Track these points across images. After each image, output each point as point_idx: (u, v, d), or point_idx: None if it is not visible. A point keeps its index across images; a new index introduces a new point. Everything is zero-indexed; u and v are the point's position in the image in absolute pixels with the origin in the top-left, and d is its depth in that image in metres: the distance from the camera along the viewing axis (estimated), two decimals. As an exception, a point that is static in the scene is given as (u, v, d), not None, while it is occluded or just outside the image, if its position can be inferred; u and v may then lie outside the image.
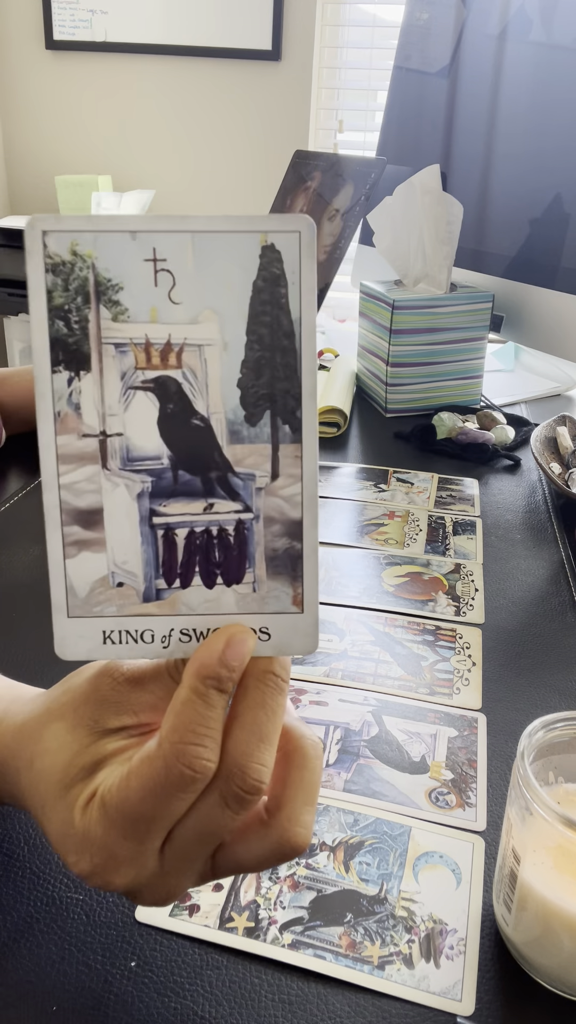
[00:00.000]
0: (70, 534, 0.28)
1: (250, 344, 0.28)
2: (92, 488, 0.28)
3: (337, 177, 1.29)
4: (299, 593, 0.30)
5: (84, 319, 0.27)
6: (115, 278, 0.27)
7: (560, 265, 1.07)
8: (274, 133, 2.56)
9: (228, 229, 0.27)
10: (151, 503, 0.29)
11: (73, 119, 2.72)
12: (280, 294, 0.27)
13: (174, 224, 0.27)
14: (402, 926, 0.38)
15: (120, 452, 0.28)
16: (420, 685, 0.55)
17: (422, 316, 1.02)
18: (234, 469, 0.29)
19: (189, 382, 0.28)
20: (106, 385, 0.28)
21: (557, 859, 0.35)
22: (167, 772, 0.28)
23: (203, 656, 0.28)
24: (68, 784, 0.30)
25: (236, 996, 0.35)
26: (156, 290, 0.27)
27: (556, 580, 0.69)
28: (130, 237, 0.27)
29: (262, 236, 0.27)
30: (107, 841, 0.29)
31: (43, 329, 0.27)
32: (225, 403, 0.28)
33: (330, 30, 2.48)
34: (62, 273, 0.27)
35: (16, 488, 0.82)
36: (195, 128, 2.63)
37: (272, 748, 0.29)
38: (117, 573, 0.29)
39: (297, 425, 0.28)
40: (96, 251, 0.27)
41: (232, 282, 0.27)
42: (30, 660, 0.56)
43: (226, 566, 0.29)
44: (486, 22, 1.17)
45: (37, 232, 0.27)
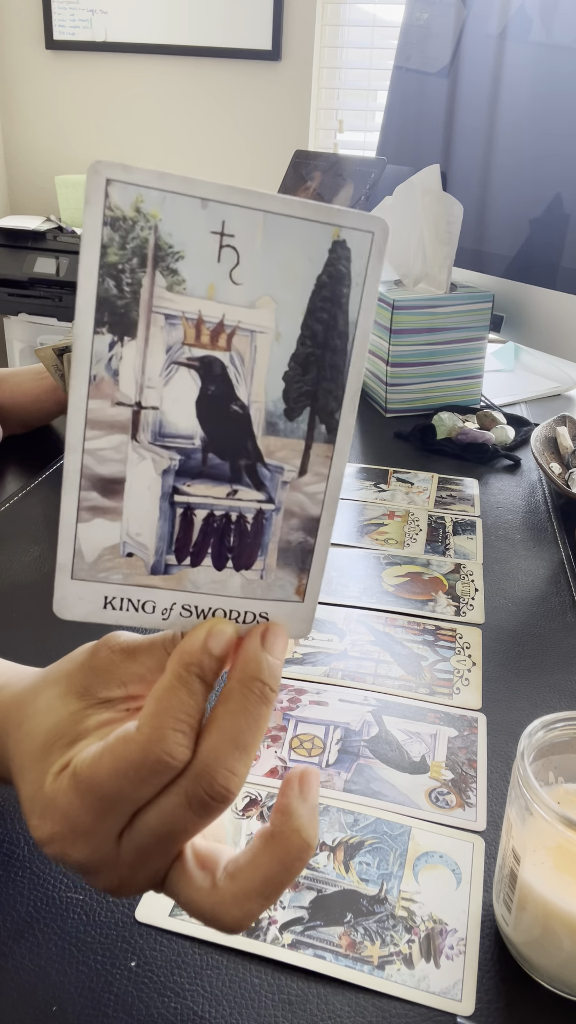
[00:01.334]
0: (87, 499, 0.28)
1: (303, 339, 0.27)
2: (117, 457, 0.27)
3: (337, 177, 1.29)
4: (303, 584, 0.30)
5: (137, 283, 0.25)
6: (177, 245, 0.25)
7: (560, 265, 1.07)
8: (274, 133, 2.56)
9: (303, 216, 0.26)
10: (176, 481, 0.28)
11: (73, 119, 2.72)
12: (342, 293, 0.26)
13: (249, 200, 0.25)
14: (402, 926, 0.38)
15: (153, 426, 0.27)
16: (420, 685, 0.55)
17: (422, 316, 1.02)
18: (264, 460, 0.28)
19: (235, 366, 0.27)
20: (149, 355, 0.26)
21: (557, 859, 0.35)
22: (142, 754, 0.27)
23: (186, 644, 0.28)
24: (48, 749, 0.30)
25: (236, 996, 0.35)
26: (218, 266, 0.26)
27: (556, 580, 0.69)
28: (200, 204, 0.25)
29: (335, 230, 0.26)
30: (69, 811, 0.29)
31: (91, 285, 0.25)
32: (267, 394, 0.27)
33: (330, 30, 2.48)
34: (121, 229, 0.25)
35: (16, 488, 0.82)
36: (195, 128, 2.63)
37: (247, 758, 0.28)
38: (128, 543, 0.28)
39: (334, 426, 0.28)
40: (162, 212, 0.25)
41: (297, 272, 0.26)
42: (30, 660, 0.56)
43: (239, 551, 0.29)
44: (486, 22, 1.17)
45: (101, 179, 0.24)
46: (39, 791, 0.30)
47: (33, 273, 2.30)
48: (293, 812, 0.29)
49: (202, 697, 0.28)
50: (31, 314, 2.35)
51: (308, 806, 0.29)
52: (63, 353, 0.83)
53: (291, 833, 0.29)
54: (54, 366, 0.85)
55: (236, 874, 0.29)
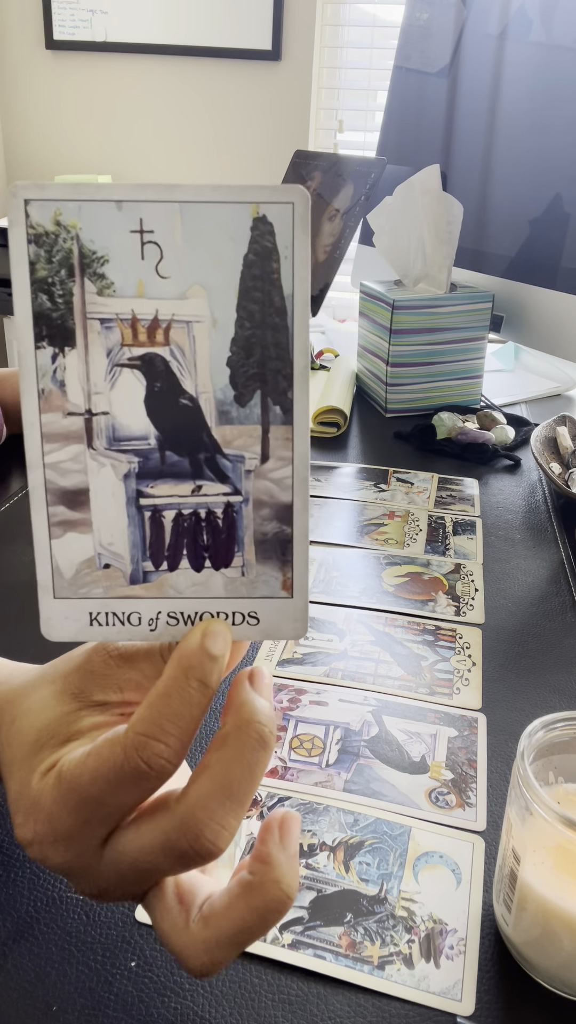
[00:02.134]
0: (55, 514, 0.28)
1: (240, 321, 0.26)
2: (77, 468, 0.27)
3: (337, 177, 1.29)
4: (289, 578, 0.29)
5: (68, 293, 0.26)
6: (100, 250, 0.26)
7: (560, 265, 1.07)
8: (274, 133, 2.56)
9: (218, 199, 0.26)
10: (138, 484, 0.28)
11: (73, 119, 2.72)
12: (272, 269, 0.26)
13: (161, 193, 0.26)
14: (402, 926, 0.38)
15: (106, 431, 0.27)
16: (420, 685, 0.55)
17: (422, 316, 1.02)
18: (223, 450, 0.28)
19: (177, 360, 0.27)
20: (91, 362, 0.27)
21: (557, 859, 0.35)
22: (124, 761, 0.27)
23: (183, 647, 0.28)
24: (38, 747, 0.30)
25: (236, 996, 0.35)
26: (143, 263, 0.26)
27: (556, 580, 0.69)
28: (116, 207, 0.25)
29: (254, 207, 0.26)
30: (52, 812, 0.28)
31: (26, 303, 0.26)
32: (214, 382, 0.27)
33: (330, 30, 2.48)
34: (45, 244, 0.26)
35: (16, 488, 0.82)
36: (195, 128, 2.63)
37: (240, 811, 0.27)
38: (103, 555, 0.28)
39: (288, 406, 0.27)
40: (81, 221, 0.25)
41: (222, 256, 0.26)
42: (30, 660, 0.56)
43: (215, 549, 0.29)
44: (486, 22, 1.17)
45: (19, 200, 0.25)
46: (25, 789, 0.30)
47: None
48: (273, 861, 0.28)
49: (198, 707, 0.27)
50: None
51: (288, 855, 0.28)
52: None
53: (270, 884, 0.27)
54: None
55: (210, 919, 0.28)
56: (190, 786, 0.27)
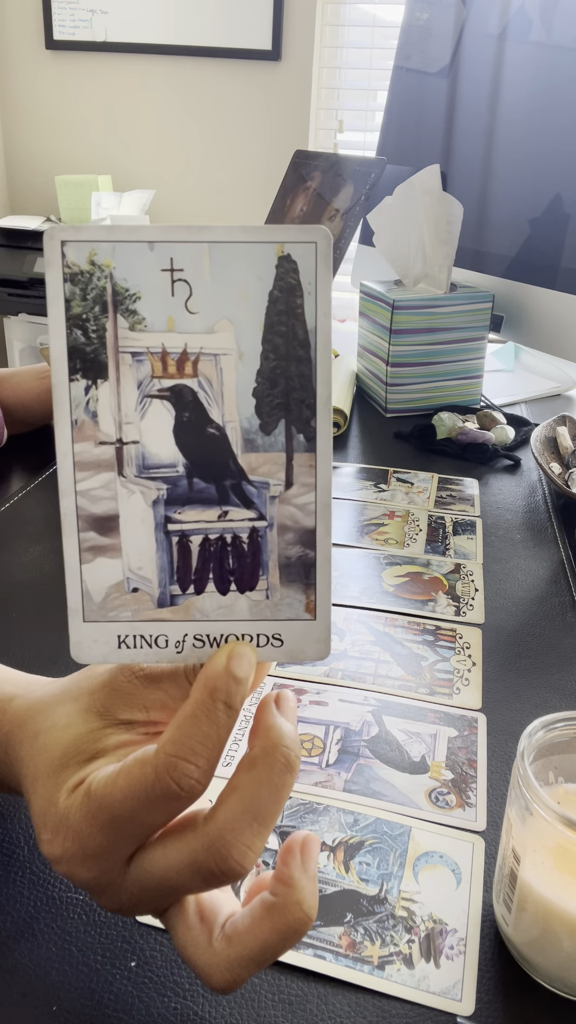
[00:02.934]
0: (86, 540, 0.29)
1: (265, 354, 0.28)
2: (108, 495, 0.28)
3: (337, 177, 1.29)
4: (312, 600, 0.30)
5: (102, 328, 0.27)
6: (133, 288, 0.27)
7: (560, 265, 1.07)
8: (274, 133, 2.56)
9: (245, 239, 0.27)
10: (166, 510, 0.29)
11: (73, 119, 2.72)
12: (296, 304, 0.27)
13: (191, 234, 0.27)
14: (402, 926, 0.38)
15: (136, 459, 0.28)
16: (420, 685, 0.55)
17: (422, 316, 1.02)
18: (248, 477, 0.29)
19: (205, 391, 0.28)
20: (123, 393, 0.28)
21: (557, 859, 0.35)
22: (155, 781, 0.27)
23: (209, 670, 0.28)
24: (64, 763, 0.30)
25: (236, 996, 0.35)
26: (173, 300, 0.27)
27: (556, 580, 0.69)
28: (148, 247, 0.27)
29: (278, 247, 0.27)
30: (81, 829, 0.29)
31: (61, 338, 0.27)
32: (240, 412, 0.28)
33: (330, 30, 2.48)
34: (80, 283, 0.27)
35: (16, 488, 0.82)
36: (195, 128, 2.63)
37: (265, 832, 0.28)
38: (132, 579, 0.29)
39: (312, 435, 0.28)
40: (114, 261, 0.27)
41: (248, 292, 0.27)
42: (30, 660, 0.56)
43: (240, 573, 0.29)
44: (486, 22, 1.17)
45: (56, 242, 0.27)
46: (52, 806, 0.30)
47: (33, 273, 2.30)
48: (295, 884, 0.28)
49: (225, 728, 0.28)
50: (31, 314, 2.35)
51: (309, 876, 0.29)
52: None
53: (292, 905, 0.28)
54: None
55: (233, 939, 0.29)
56: (219, 807, 0.28)
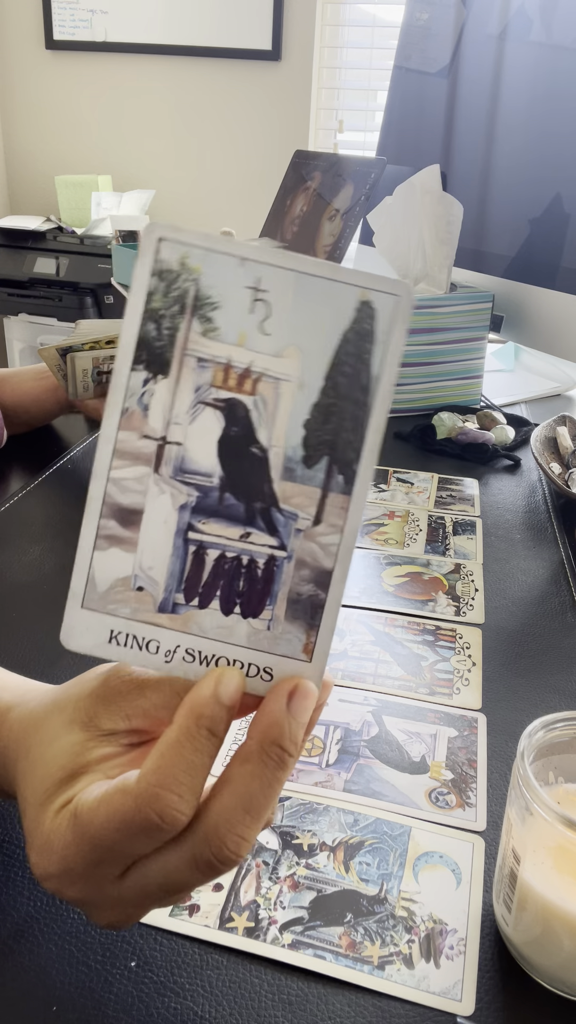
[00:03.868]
0: (105, 527, 0.29)
1: (326, 390, 0.28)
2: (139, 488, 0.28)
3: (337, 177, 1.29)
4: (311, 642, 0.29)
5: (175, 327, 0.28)
6: (214, 296, 0.27)
7: (560, 265, 1.07)
8: (274, 133, 2.56)
9: (333, 277, 0.27)
10: (191, 517, 0.29)
11: (73, 119, 2.72)
12: (366, 349, 0.28)
13: (284, 260, 0.27)
14: (402, 926, 0.38)
15: (175, 461, 0.28)
16: (420, 685, 0.55)
17: (422, 316, 1.02)
18: (279, 504, 0.29)
19: (258, 410, 0.28)
20: (179, 394, 0.28)
21: (557, 859, 0.35)
22: (136, 813, 0.27)
23: (196, 695, 0.28)
24: (49, 781, 0.30)
25: (236, 996, 0.35)
26: (250, 317, 0.28)
27: (556, 580, 0.69)
28: (238, 262, 0.27)
29: (362, 292, 0.27)
30: (66, 854, 0.29)
31: (135, 326, 0.28)
32: (287, 439, 0.28)
33: (330, 30, 2.48)
34: (166, 279, 0.27)
35: (16, 488, 0.82)
36: (195, 128, 2.63)
37: (258, 823, 0.28)
38: (140, 577, 0.29)
39: (351, 478, 0.28)
40: (204, 267, 0.27)
41: (323, 326, 0.28)
42: (31, 660, 0.56)
43: (247, 597, 0.29)
44: (486, 22, 1.17)
45: (153, 236, 0.27)
46: (39, 827, 0.30)
47: (33, 273, 2.30)
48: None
49: (209, 755, 0.28)
50: (31, 314, 2.35)
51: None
52: (66, 353, 0.83)
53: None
54: (56, 366, 0.85)
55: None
56: (212, 800, 0.28)
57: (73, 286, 2.27)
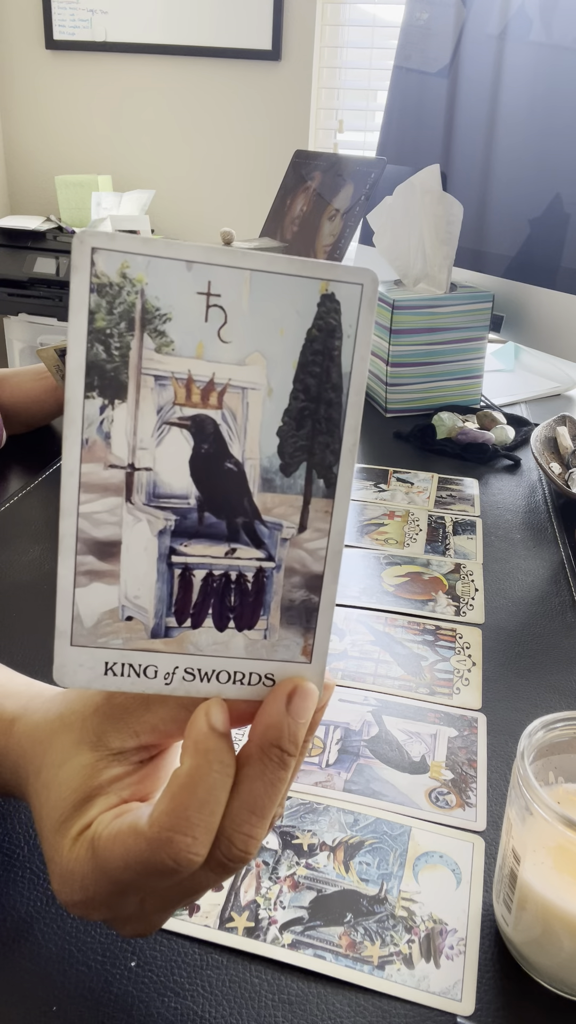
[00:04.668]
0: (83, 563, 0.27)
1: (295, 393, 0.27)
2: (112, 520, 0.27)
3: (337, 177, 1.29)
4: (310, 644, 0.29)
5: (126, 346, 0.26)
6: (164, 308, 0.26)
7: (560, 265, 1.07)
8: (274, 133, 2.56)
9: (290, 272, 0.26)
10: (172, 541, 0.28)
11: (73, 119, 2.72)
12: (334, 346, 0.26)
13: (234, 259, 0.25)
14: (402, 926, 0.38)
15: (147, 487, 0.27)
16: (420, 685, 0.55)
17: (422, 316, 1.02)
18: (262, 517, 0.28)
19: (227, 424, 0.27)
20: (141, 417, 0.26)
21: (557, 859, 0.35)
22: (150, 856, 0.27)
23: (197, 733, 0.28)
24: (63, 806, 0.30)
25: (236, 996, 0.35)
26: (206, 325, 0.26)
27: (556, 580, 0.69)
28: (185, 267, 0.25)
29: (323, 284, 0.26)
30: (86, 883, 0.29)
31: (80, 350, 0.26)
32: (262, 450, 0.27)
33: (330, 30, 2.48)
34: (108, 295, 0.25)
35: (16, 488, 0.82)
36: (195, 128, 2.63)
37: (265, 821, 0.28)
38: (128, 607, 0.28)
39: (332, 480, 0.27)
40: (148, 276, 0.25)
41: (286, 327, 0.26)
42: (30, 661, 0.56)
43: (240, 611, 0.29)
44: (486, 22, 1.17)
45: (86, 248, 0.25)
46: (58, 855, 0.30)
47: (33, 273, 2.30)
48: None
49: (223, 788, 0.27)
50: (31, 314, 2.35)
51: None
52: (65, 353, 0.83)
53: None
54: (55, 366, 0.84)
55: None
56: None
57: (73, 286, 2.26)
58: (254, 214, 2.58)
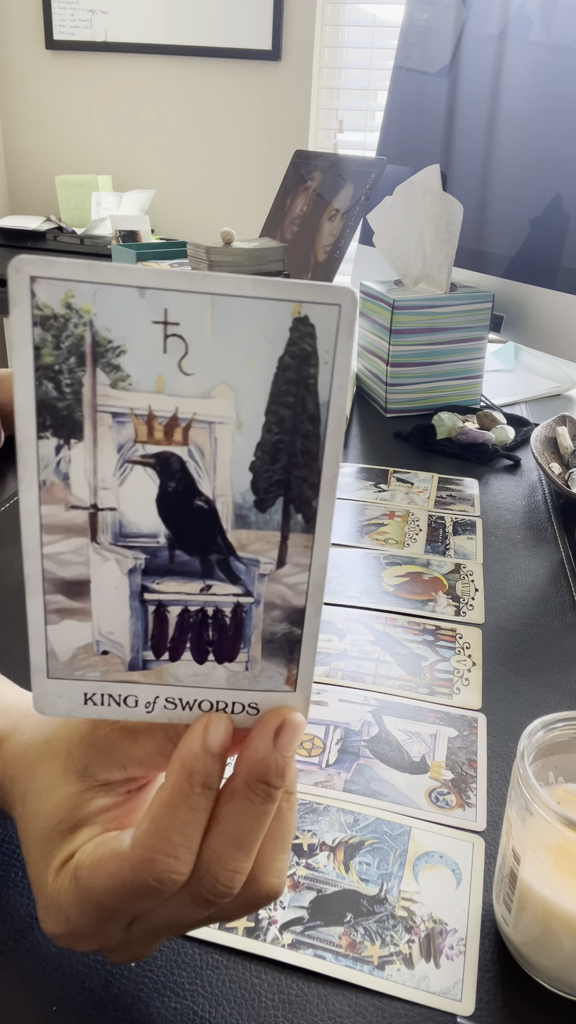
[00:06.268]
0: (53, 602, 0.26)
1: (268, 426, 0.25)
2: (79, 560, 0.26)
3: (337, 177, 1.29)
4: (293, 674, 0.28)
5: (78, 382, 0.24)
6: (117, 339, 0.23)
7: (560, 265, 1.07)
8: (274, 133, 2.56)
9: (256, 295, 0.23)
10: (143, 579, 0.26)
11: (73, 119, 2.72)
12: (309, 374, 0.24)
13: (193, 283, 0.23)
14: (402, 926, 0.38)
15: (112, 527, 0.26)
16: (420, 685, 0.55)
17: (422, 316, 1.02)
18: (237, 554, 0.26)
19: (195, 461, 0.25)
20: (100, 456, 0.25)
21: (557, 859, 0.35)
22: (133, 879, 0.27)
23: (185, 750, 0.27)
24: (48, 835, 0.30)
25: (236, 996, 0.35)
26: (164, 357, 0.24)
27: (556, 580, 0.69)
28: (138, 294, 0.23)
29: (295, 306, 0.23)
30: (71, 914, 0.29)
31: (28, 389, 0.23)
32: (234, 486, 0.25)
33: (330, 30, 2.48)
34: (53, 328, 0.23)
35: (16, 488, 0.82)
36: (195, 128, 2.63)
37: (250, 855, 0.28)
38: (102, 642, 0.27)
39: (312, 515, 0.26)
40: (96, 306, 0.23)
41: (254, 355, 0.24)
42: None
43: (220, 645, 0.28)
44: (486, 22, 1.17)
45: (24, 277, 0.22)
46: (43, 885, 0.30)
47: (33, 273, 2.30)
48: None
49: (204, 810, 0.27)
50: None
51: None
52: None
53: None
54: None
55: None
56: (204, 839, 0.28)
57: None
58: (254, 214, 2.58)
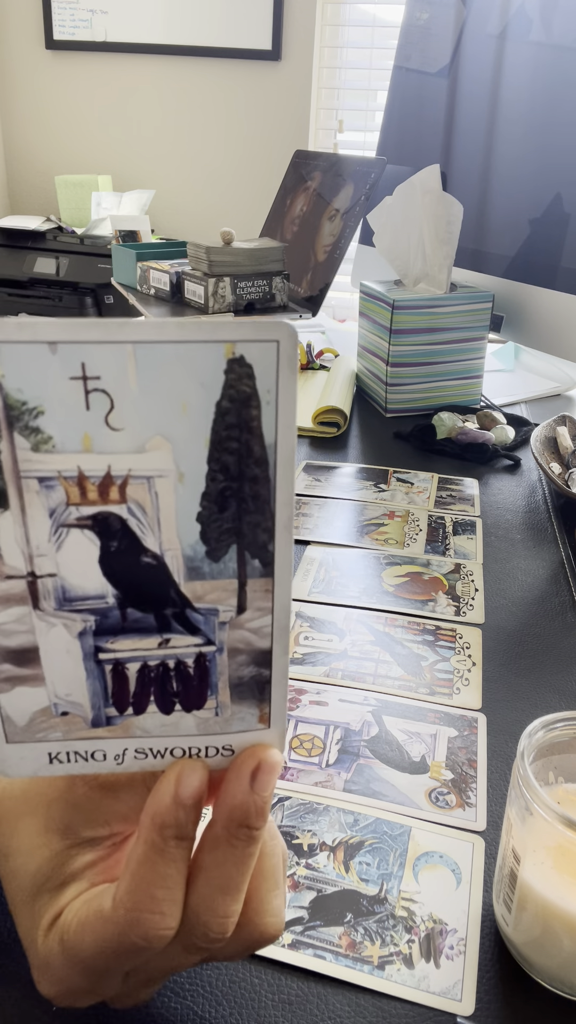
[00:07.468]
0: (1, 671, 0.25)
1: (212, 474, 0.23)
2: (23, 628, 0.25)
3: (337, 177, 1.29)
4: (266, 712, 0.27)
5: None
6: (32, 400, 0.21)
7: (560, 265, 1.07)
8: (274, 133, 2.56)
9: (182, 339, 0.21)
10: (96, 640, 0.25)
11: (73, 119, 2.72)
12: (251, 416, 0.22)
13: (108, 332, 0.21)
14: (402, 926, 0.38)
15: (55, 592, 0.24)
16: (420, 685, 0.55)
17: (422, 316, 1.02)
18: (193, 605, 0.25)
19: (137, 517, 0.24)
20: (31, 524, 0.23)
21: (557, 859, 0.35)
22: (120, 939, 0.26)
23: (155, 804, 0.26)
24: (35, 895, 0.29)
25: (236, 996, 0.35)
26: (88, 414, 0.22)
27: (556, 580, 0.69)
28: (48, 349, 0.21)
29: (228, 347, 0.22)
30: (63, 975, 0.28)
31: None
32: (182, 539, 0.24)
33: (330, 30, 2.48)
34: None
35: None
36: (195, 128, 2.63)
37: (239, 897, 0.27)
38: (60, 704, 0.26)
39: (269, 559, 0.24)
40: (3, 367, 0.21)
41: (189, 402, 0.22)
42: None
43: (185, 695, 0.26)
44: (486, 22, 1.17)
45: None
46: (33, 945, 0.29)
47: (33, 273, 2.30)
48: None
49: (183, 860, 0.26)
50: (31, 314, 2.35)
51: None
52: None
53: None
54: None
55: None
56: (189, 889, 0.27)
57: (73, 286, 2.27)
58: (254, 214, 2.58)
